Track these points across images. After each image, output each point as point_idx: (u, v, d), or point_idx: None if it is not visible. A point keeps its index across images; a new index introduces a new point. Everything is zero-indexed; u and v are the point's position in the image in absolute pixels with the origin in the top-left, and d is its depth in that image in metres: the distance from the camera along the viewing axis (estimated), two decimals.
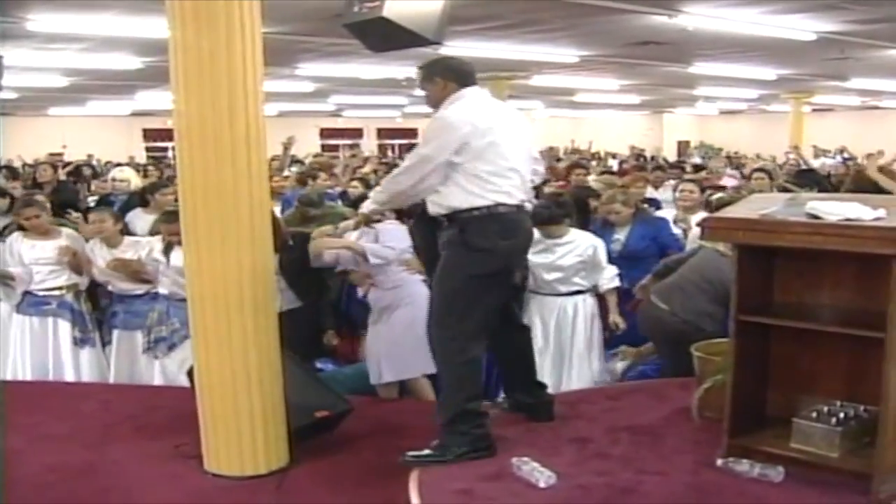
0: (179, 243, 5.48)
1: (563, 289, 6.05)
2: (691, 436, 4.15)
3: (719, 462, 3.70)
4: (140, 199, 7.65)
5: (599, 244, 6.08)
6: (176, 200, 7.58)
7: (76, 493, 4.39)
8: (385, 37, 5.60)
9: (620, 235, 6.55)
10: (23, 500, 4.35)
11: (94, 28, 11.26)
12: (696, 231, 6.51)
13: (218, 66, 4.12)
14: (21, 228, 6.47)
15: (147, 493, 4.40)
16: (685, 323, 5.07)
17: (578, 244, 6.03)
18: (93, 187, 11.67)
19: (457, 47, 13.12)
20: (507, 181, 4.16)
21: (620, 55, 15.49)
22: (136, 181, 9.06)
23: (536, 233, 6.08)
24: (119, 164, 14.84)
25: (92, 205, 8.71)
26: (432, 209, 4.26)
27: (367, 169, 13.36)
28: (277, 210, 7.33)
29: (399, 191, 4.33)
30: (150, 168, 15.61)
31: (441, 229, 4.26)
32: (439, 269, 4.23)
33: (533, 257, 6.01)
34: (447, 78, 4.34)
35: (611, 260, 6.18)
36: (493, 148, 4.12)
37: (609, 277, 6.07)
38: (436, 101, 4.38)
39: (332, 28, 9.33)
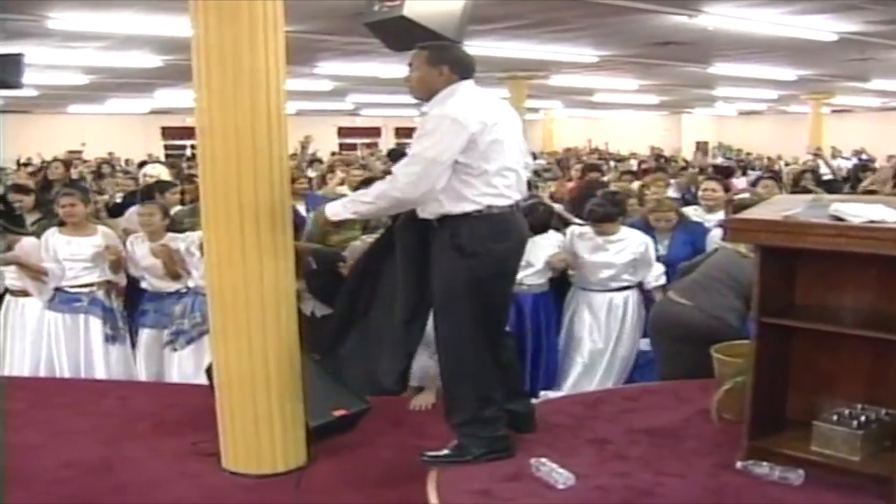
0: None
1: (614, 285, 6.11)
2: (711, 438, 4.13)
3: (739, 465, 3.68)
4: (143, 196, 7.64)
5: (650, 242, 6.17)
6: (181, 201, 7.67)
7: (92, 490, 4.39)
8: (405, 36, 5.58)
9: (664, 241, 6.49)
10: (39, 496, 4.36)
11: (115, 26, 11.31)
12: (715, 232, 6.53)
13: (241, 64, 4.12)
14: (60, 224, 6.49)
15: (164, 490, 4.40)
16: (712, 318, 5.06)
17: (631, 242, 6.11)
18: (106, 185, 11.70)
19: (477, 46, 13.13)
20: (504, 181, 4.04)
21: (640, 55, 15.47)
22: (166, 177, 9.08)
23: (589, 230, 6.14)
24: (147, 162, 14.89)
25: (119, 201, 8.75)
26: (421, 212, 4.12)
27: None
28: (301, 209, 7.33)
29: (404, 199, 4.02)
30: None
31: (431, 231, 4.13)
32: (436, 277, 4.10)
33: (587, 256, 6.06)
34: (454, 70, 4.13)
35: None
36: (496, 146, 3.99)
37: (656, 275, 6.15)
38: (429, 90, 4.14)
39: (351, 27, 9.37)
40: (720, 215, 6.99)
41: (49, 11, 10.52)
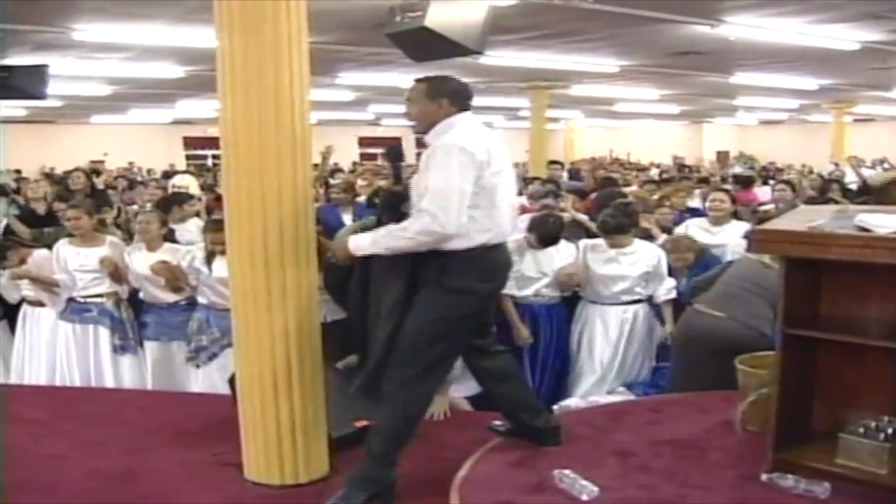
0: (223, 253, 5.53)
1: (626, 298, 6.09)
2: (735, 449, 4.10)
3: (764, 477, 3.65)
4: (162, 207, 7.67)
5: (663, 255, 6.13)
6: (198, 214, 7.70)
7: (115, 500, 4.40)
8: (427, 46, 5.61)
9: (682, 279, 6.30)
10: None
11: (138, 37, 11.39)
12: (734, 242, 6.50)
13: (265, 74, 4.13)
14: (70, 235, 6.56)
15: (186, 500, 4.40)
16: (747, 328, 5.02)
17: (644, 254, 6.08)
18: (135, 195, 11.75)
19: (498, 57, 13.17)
20: (502, 216, 4.00)
21: (661, 65, 15.44)
22: (195, 188, 9.12)
23: (602, 243, 6.12)
24: (173, 172, 14.95)
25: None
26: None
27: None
28: (348, 219, 7.33)
29: (446, 234, 3.83)
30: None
31: (419, 263, 3.99)
32: (413, 310, 3.98)
33: (599, 268, 6.04)
34: (453, 102, 4.04)
35: None
36: (498, 178, 3.94)
37: (667, 289, 6.12)
38: (428, 123, 4.07)
39: (373, 37, 9.39)
40: (729, 227, 6.97)
41: (74, 23, 10.61)
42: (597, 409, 5.09)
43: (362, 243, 4.04)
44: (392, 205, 4.25)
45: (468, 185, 3.82)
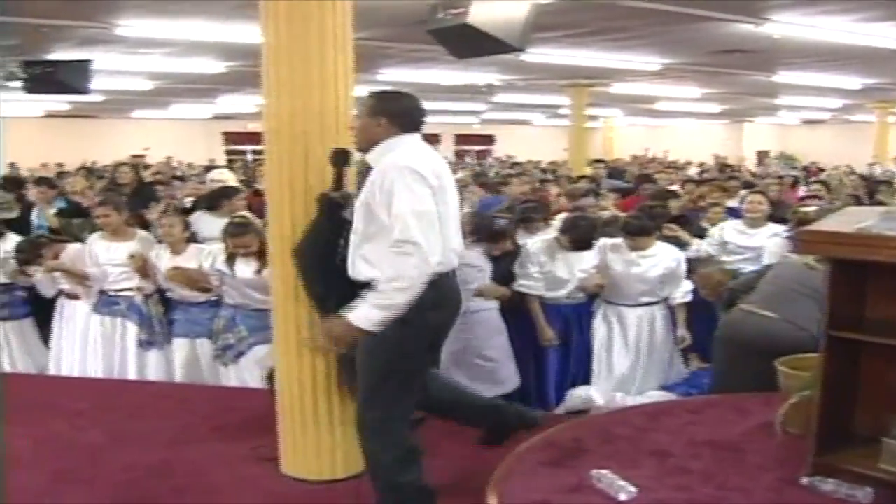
0: (244, 255, 5.56)
1: (644, 299, 6.04)
2: (774, 452, 4.04)
3: (804, 480, 3.59)
4: (209, 201, 7.72)
5: (682, 258, 6.09)
6: (248, 207, 7.73)
7: (153, 492, 4.46)
8: (469, 43, 5.60)
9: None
10: (102, 497, 4.44)
11: (181, 33, 11.47)
12: (773, 244, 6.43)
13: (310, 71, 4.15)
14: (95, 228, 6.69)
15: (223, 494, 4.44)
16: (801, 329, 4.95)
17: (663, 257, 6.05)
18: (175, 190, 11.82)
19: (540, 54, 13.13)
20: (449, 243, 3.80)
21: (704, 63, 15.35)
22: (233, 183, 9.17)
23: (623, 243, 6.08)
24: (215, 167, 15.02)
25: (188, 206, 8.87)
26: (356, 272, 3.84)
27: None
28: None
29: (435, 261, 3.63)
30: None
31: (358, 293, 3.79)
32: (362, 346, 3.79)
33: (619, 269, 6.01)
34: (394, 122, 3.82)
35: None
36: (444, 208, 3.74)
37: (683, 292, 6.09)
38: (366, 141, 3.88)
39: (414, 34, 9.39)
40: (765, 229, 6.90)
41: (118, 19, 10.71)
42: (635, 409, 5.04)
43: (372, 317, 3.66)
44: (331, 210, 4.12)
45: (431, 204, 3.63)
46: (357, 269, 3.82)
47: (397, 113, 3.84)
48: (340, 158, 4.14)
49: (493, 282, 5.86)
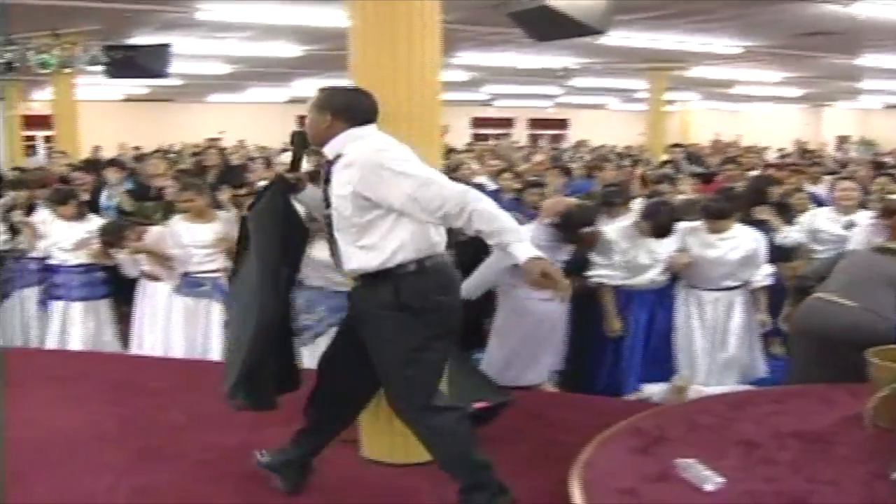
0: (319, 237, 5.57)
1: (724, 283, 5.95)
2: (863, 445, 3.95)
3: (895, 475, 3.51)
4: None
5: (762, 240, 5.98)
6: None
7: (233, 473, 4.49)
8: (548, 25, 5.55)
9: None
10: (183, 475, 4.51)
11: (260, 16, 11.56)
12: (857, 231, 6.30)
13: (397, 53, 4.15)
14: (168, 210, 6.79)
15: None
16: (885, 319, 4.85)
17: (742, 239, 5.96)
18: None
19: (620, 37, 12.99)
20: (438, 227, 3.75)
21: (786, 46, 15.07)
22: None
23: (702, 226, 6.00)
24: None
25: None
26: (354, 265, 3.81)
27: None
28: None
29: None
30: None
31: (367, 291, 3.82)
32: (376, 342, 3.81)
33: (698, 252, 5.93)
34: (338, 117, 3.79)
35: None
36: None
37: (763, 275, 6.00)
38: (315, 136, 3.88)
39: (493, 16, 9.35)
40: (857, 217, 6.76)
41: (198, 3, 10.84)
42: (718, 397, 4.97)
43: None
44: (284, 190, 4.11)
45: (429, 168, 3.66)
46: (354, 261, 3.79)
47: (342, 108, 3.80)
48: (300, 140, 4.10)
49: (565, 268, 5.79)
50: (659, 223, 5.90)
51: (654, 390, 5.88)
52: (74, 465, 4.63)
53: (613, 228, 6.14)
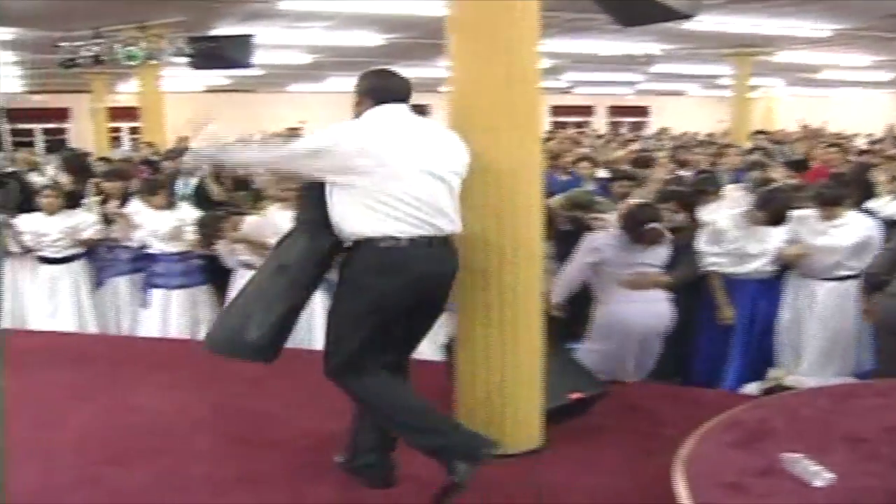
0: None
1: (837, 273, 5.81)
2: None
3: None
4: None
5: (876, 227, 5.81)
6: None
7: (323, 462, 4.48)
8: (636, 10, 5.43)
9: None
10: (276, 463, 4.53)
11: (342, 5, 11.58)
12: None
13: (497, 41, 4.11)
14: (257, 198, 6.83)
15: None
16: None
17: (855, 226, 5.82)
18: None
19: (707, 21, 12.75)
20: (408, 209, 3.77)
21: (878, 28, 14.64)
22: None
23: (811, 214, 5.85)
24: None
25: None
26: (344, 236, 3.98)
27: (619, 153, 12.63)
28: None
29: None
30: None
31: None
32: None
33: (811, 239, 5.80)
34: (366, 99, 4.03)
35: None
36: (387, 171, 3.75)
37: None
38: (354, 117, 4.09)
39: (577, 3, 9.22)
40: None
41: None
42: (821, 390, 4.85)
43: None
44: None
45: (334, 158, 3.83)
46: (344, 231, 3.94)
47: (369, 90, 4.04)
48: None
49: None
50: (774, 210, 5.77)
51: (752, 388, 5.77)
52: (173, 451, 4.69)
53: (721, 217, 6.01)
